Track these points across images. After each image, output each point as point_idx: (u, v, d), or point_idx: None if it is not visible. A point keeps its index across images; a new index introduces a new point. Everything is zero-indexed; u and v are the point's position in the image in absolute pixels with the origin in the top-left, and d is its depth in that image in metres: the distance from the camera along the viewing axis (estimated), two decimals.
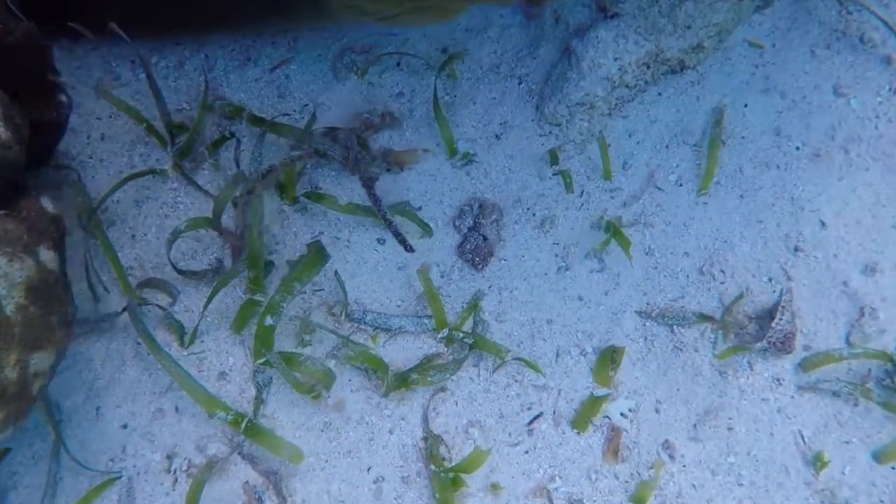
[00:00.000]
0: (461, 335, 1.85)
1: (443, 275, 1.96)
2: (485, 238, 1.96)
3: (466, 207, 2.01)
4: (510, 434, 1.81)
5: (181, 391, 1.72)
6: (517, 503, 1.74)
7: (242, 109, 2.06)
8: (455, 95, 2.16)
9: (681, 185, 2.06)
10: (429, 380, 1.79)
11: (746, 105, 2.13)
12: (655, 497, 1.75)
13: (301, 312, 1.86)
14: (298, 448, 1.69)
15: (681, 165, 2.09)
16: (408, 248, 1.79)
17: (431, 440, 1.74)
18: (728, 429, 1.82)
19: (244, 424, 1.69)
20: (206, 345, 1.84)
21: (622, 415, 1.82)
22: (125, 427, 1.75)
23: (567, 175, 2.04)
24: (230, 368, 1.82)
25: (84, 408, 1.76)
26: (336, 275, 1.87)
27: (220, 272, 1.87)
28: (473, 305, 1.91)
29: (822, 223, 1.99)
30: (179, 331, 1.82)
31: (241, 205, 1.59)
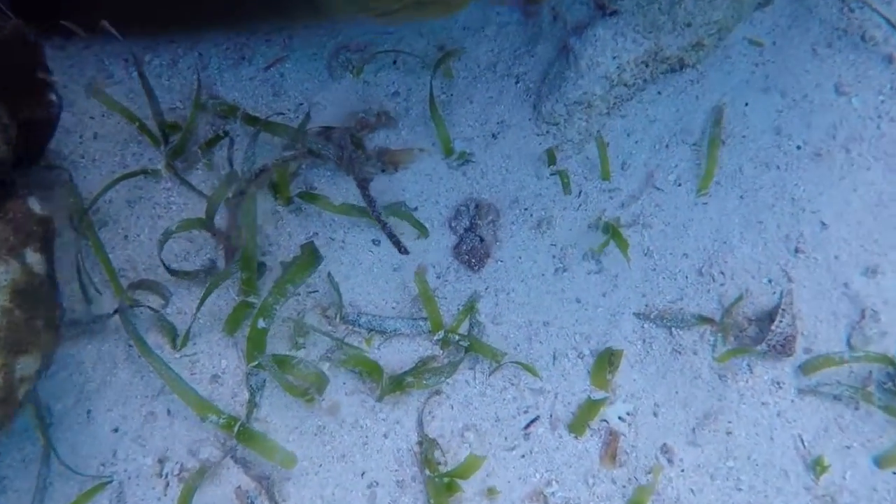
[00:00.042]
0: (457, 338, 1.82)
1: (438, 276, 1.93)
2: (481, 239, 1.94)
3: (463, 208, 1.99)
4: (506, 438, 1.78)
5: (173, 394, 1.69)
6: None
7: (236, 108, 2.04)
8: (451, 94, 2.13)
9: (680, 186, 2.04)
10: (424, 383, 1.76)
11: (747, 104, 2.11)
12: (654, 502, 1.72)
13: (295, 314, 1.84)
14: (291, 453, 1.67)
15: (680, 165, 2.06)
16: (402, 251, 1.77)
17: (426, 444, 1.72)
18: (727, 433, 1.79)
19: (237, 428, 1.67)
20: (199, 347, 1.82)
21: (620, 418, 1.80)
22: (116, 431, 1.73)
23: (565, 175, 2.02)
24: (223, 371, 1.80)
25: (75, 411, 1.74)
26: (329, 277, 1.84)
27: (213, 273, 1.85)
28: (469, 307, 1.88)
29: (823, 224, 1.97)
30: (172, 333, 1.80)
31: (234, 205, 1.56)
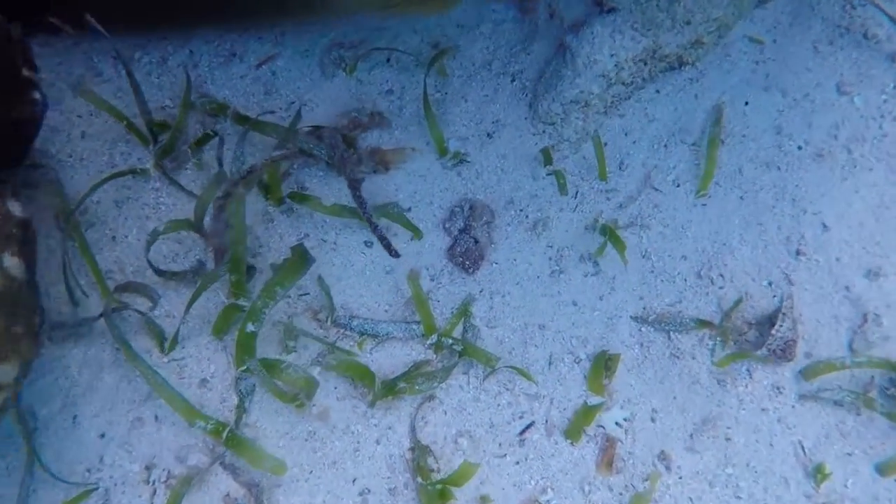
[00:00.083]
0: (451, 341, 1.79)
1: (432, 278, 1.90)
2: (476, 241, 1.90)
3: (457, 209, 1.95)
4: (501, 444, 1.75)
5: (161, 399, 1.66)
6: None
7: (227, 107, 2.00)
8: (446, 93, 2.10)
9: (679, 186, 2.01)
10: (417, 388, 1.73)
11: (747, 103, 2.07)
12: None
13: (286, 317, 1.80)
14: (281, 460, 1.63)
15: (679, 165, 2.03)
16: (393, 254, 1.73)
17: (418, 451, 1.68)
18: (726, 439, 1.76)
19: (225, 434, 1.63)
20: (188, 351, 1.78)
21: (617, 424, 1.77)
22: (103, 436, 1.69)
23: (561, 175, 1.98)
24: (212, 375, 1.76)
25: (61, 416, 1.70)
26: (320, 280, 1.81)
27: (202, 274, 1.82)
28: (463, 311, 1.85)
29: (825, 226, 1.93)
30: (160, 336, 1.76)
31: (221, 207, 1.53)
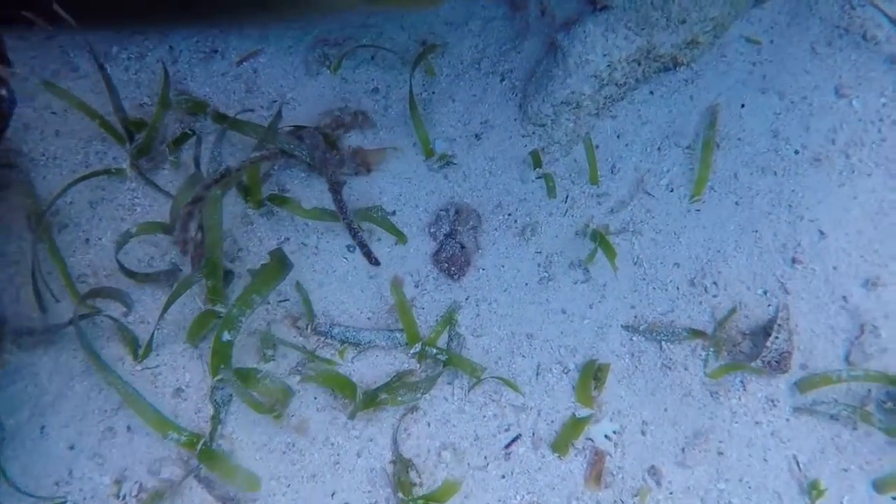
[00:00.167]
0: (435, 351, 1.73)
1: (417, 285, 1.84)
2: (462, 246, 1.84)
3: (443, 213, 1.89)
4: (486, 458, 1.69)
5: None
6: None
7: (206, 105, 1.94)
8: (433, 92, 2.03)
9: (672, 191, 1.95)
10: (399, 399, 1.67)
11: (743, 105, 2.02)
12: None
13: (264, 324, 1.74)
14: (255, 475, 1.57)
15: (672, 169, 1.97)
16: (373, 261, 1.66)
17: (399, 465, 1.62)
18: (718, 453, 1.71)
19: (199, 447, 1.57)
20: (162, 358, 1.72)
21: (606, 437, 1.71)
22: (72, 448, 1.63)
23: (551, 179, 1.92)
24: (187, 385, 1.70)
25: (28, 426, 1.64)
26: (298, 286, 1.74)
27: (175, 276, 1.75)
28: (448, 319, 1.79)
29: (822, 233, 1.88)
30: (133, 343, 1.70)
31: (189, 211, 1.47)
